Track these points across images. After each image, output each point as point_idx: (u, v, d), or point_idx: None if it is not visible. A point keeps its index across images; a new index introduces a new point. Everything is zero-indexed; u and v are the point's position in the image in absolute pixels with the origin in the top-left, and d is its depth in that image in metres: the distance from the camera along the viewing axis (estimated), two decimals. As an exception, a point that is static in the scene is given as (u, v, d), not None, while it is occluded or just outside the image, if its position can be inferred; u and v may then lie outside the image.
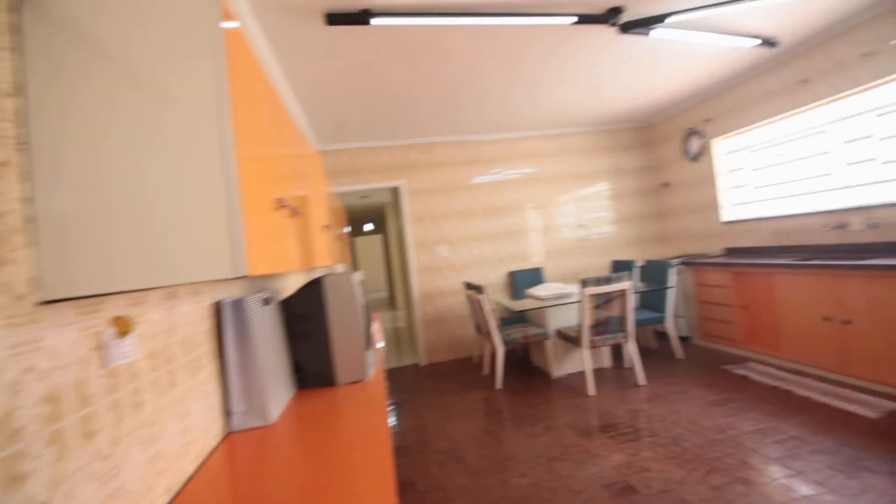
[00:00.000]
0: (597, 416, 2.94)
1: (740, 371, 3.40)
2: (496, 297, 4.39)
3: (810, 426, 2.46)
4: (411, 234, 4.90)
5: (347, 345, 1.61)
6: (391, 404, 3.68)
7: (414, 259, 4.90)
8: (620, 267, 4.73)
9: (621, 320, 3.38)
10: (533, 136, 5.22)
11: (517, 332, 3.77)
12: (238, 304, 1.31)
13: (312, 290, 1.62)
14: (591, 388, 3.31)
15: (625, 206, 5.43)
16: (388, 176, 4.87)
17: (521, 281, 4.98)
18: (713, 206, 4.61)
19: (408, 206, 4.89)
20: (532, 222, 5.18)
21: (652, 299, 4.12)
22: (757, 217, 4.12)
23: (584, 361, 3.38)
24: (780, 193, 3.94)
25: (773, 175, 3.99)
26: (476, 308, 3.99)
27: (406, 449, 2.81)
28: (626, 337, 3.40)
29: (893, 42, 2.90)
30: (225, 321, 1.30)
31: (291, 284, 2.73)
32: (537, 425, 2.91)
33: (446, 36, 2.68)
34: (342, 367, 1.62)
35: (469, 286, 4.08)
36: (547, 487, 2.19)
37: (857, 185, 3.29)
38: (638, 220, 5.46)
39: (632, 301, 3.35)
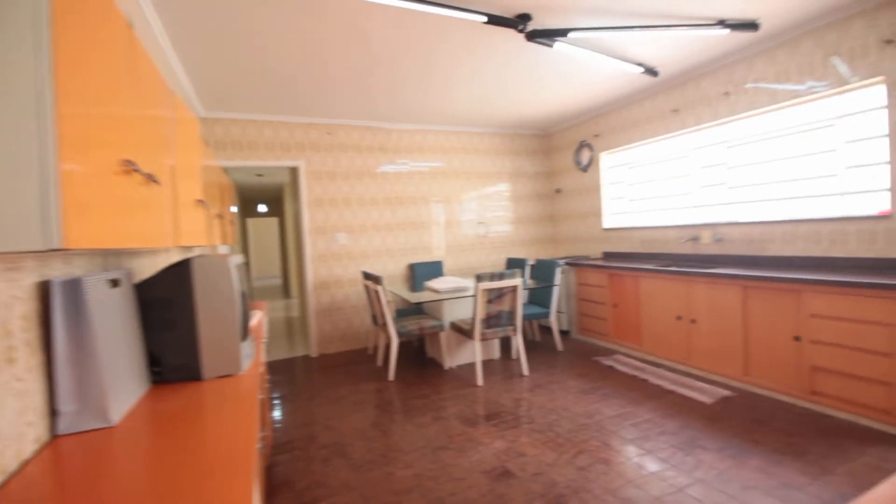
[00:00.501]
0: (483, 406, 3.06)
1: (608, 362, 3.80)
2: (395, 289, 4.35)
3: (660, 410, 2.82)
4: (308, 218, 4.64)
5: (218, 335, 1.45)
6: (275, 398, 3.45)
7: (310, 245, 4.65)
8: (514, 264, 4.99)
9: (511, 314, 3.56)
10: (442, 130, 5.25)
11: (413, 324, 3.77)
12: (72, 285, 1.09)
13: (178, 273, 1.42)
14: (480, 379, 3.44)
15: (522, 208, 5.74)
16: (286, 154, 4.54)
17: (421, 273, 5.00)
18: (597, 213, 5.07)
19: (306, 189, 4.62)
20: (435, 216, 5.23)
21: (539, 295, 4.41)
22: (631, 226, 4.62)
23: (475, 353, 3.50)
24: (650, 207, 4.46)
25: (646, 190, 4.51)
26: (373, 298, 3.91)
27: (288, 445, 2.65)
28: (514, 330, 3.59)
29: (748, 85, 3.42)
30: (54, 304, 1.08)
31: (161, 265, 2.40)
32: (427, 415, 2.94)
33: (366, 16, 2.56)
34: (210, 359, 1.45)
35: (367, 276, 3.98)
36: (430, 477, 2.22)
37: (708, 205, 3.85)
38: (533, 222, 5.80)
39: (521, 297, 3.54)
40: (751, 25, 2.97)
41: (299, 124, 4.58)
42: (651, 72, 3.69)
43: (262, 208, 9.15)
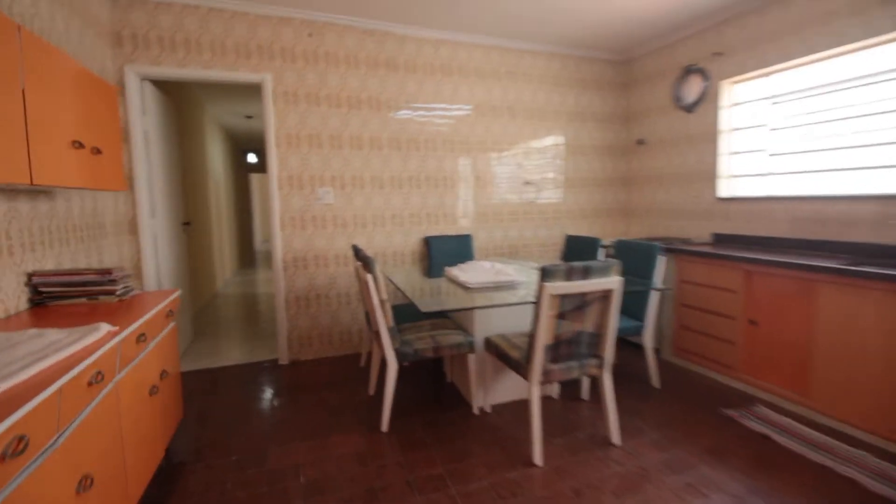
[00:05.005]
0: (549, 523, 1.58)
1: (755, 424, 2.24)
2: (399, 276, 2.85)
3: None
4: (278, 162, 3.13)
5: None
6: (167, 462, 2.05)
7: (280, 202, 3.16)
8: (579, 246, 3.40)
9: (597, 338, 2.02)
10: (479, 43, 3.59)
11: (423, 339, 2.28)
12: None
13: None
14: (538, 454, 1.95)
15: (584, 165, 4.09)
16: (244, 63, 2.99)
17: (441, 252, 3.48)
18: (708, 174, 3.40)
19: (273, 117, 3.08)
20: (463, 170, 3.65)
21: (625, 299, 2.83)
22: (772, 196, 2.96)
23: (530, 406, 1.99)
24: (810, 166, 2.79)
25: (804, 139, 2.82)
26: (364, 291, 2.43)
27: None
28: (601, 366, 2.06)
29: None
30: None
31: None
32: (439, 548, 1.49)
33: None
34: None
35: (357, 254, 2.50)
36: None
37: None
38: (598, 186, 4.16)
39: (618, 308, 1.99)
40: None
41: (265, 17, 3.00)
42: None
43: (252, 158, 7.65)
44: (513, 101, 3.76)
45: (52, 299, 1.76)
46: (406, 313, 2.77)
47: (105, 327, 1.36)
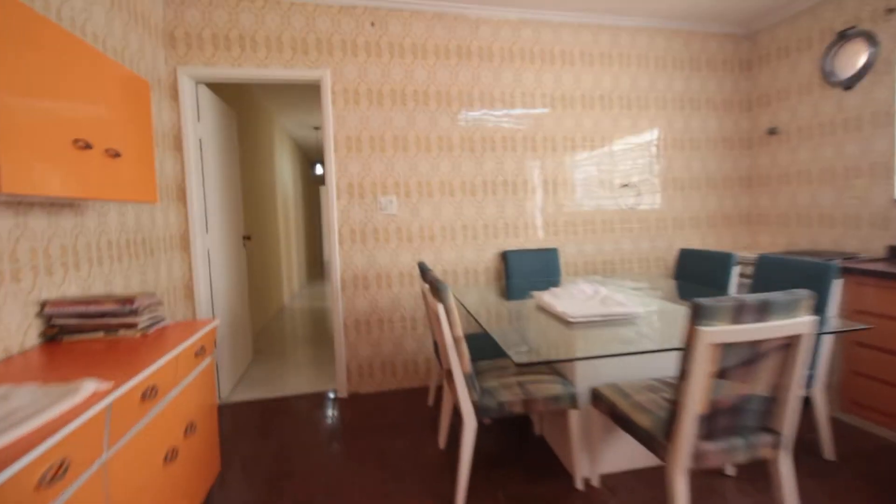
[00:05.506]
0: None
1: None
2: (474, 294, 2.36)
3: None
4: (335, 168, 2.78)
5: None
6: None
7: (337, 213, 2.80)
8: (703, 263, 2.70)
9: (772, 405, 1.38)
10: (566, 21, 3.05)
11: (510, 389, 1.76)
12: None
13: None
14: (686, 574, 1.34)
15: (694, 163, 3.36)
16: (302, 60, 2.69)
17: (522, 269, 2.95)
18: (878, 169, 2.57)
19: (332, 118, 2.75)
20: (546, 172, 3.10)
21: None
22: None
23: (671, 501, 1.39)
24: None
25: None
26: (432, 320, 1.97)
27: None
28: (776, 446, 1.41)
29: None
30: None
31: None
32: None
33: None
34: None
35: (424, 275, 2.05)
36: None
37: None
38: (711, 187, 3.41)
39: (806, 361, 1.34)
40: None
41: (325, 6, 2.69)
42: None
43: (319, 170, 7.58)
44: (607, 89, 3.16)
45: (66, 333, 1.47)
46: (482, 345, 2.27)
47: (89, 386, 1.00)
